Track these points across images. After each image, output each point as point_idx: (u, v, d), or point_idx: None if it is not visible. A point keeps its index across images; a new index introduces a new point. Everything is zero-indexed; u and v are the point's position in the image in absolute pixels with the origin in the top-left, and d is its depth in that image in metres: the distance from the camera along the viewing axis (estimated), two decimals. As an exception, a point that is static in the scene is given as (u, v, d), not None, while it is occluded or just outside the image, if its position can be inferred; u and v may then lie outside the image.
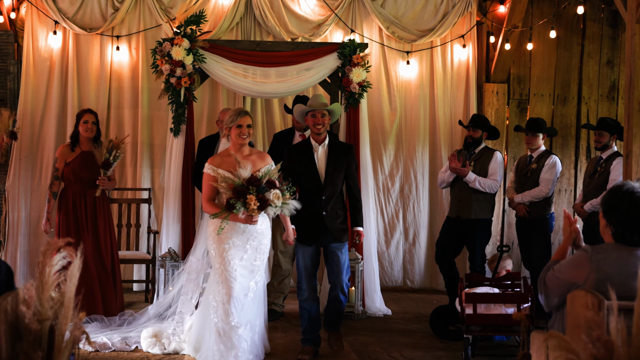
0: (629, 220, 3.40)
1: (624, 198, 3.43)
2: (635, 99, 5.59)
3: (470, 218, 6.81)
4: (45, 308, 2.96)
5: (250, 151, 5.42)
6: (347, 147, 5.85)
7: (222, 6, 8.22)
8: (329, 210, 5.60)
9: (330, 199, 5.62)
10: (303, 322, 5.68)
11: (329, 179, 5.62)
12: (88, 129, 6.72)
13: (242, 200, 4.95)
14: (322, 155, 5.68)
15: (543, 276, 3.62)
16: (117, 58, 8.21)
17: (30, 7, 8.02)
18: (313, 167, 5.63)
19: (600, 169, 6.73)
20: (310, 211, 5.55)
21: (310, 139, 5.75)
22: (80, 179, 6.66)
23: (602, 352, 2.54)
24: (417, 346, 6.06)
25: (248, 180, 5.02)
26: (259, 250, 5.27)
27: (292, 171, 5.61)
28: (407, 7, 8.50)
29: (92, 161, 6.71)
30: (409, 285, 8.58)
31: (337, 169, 5.66)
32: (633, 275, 3.37)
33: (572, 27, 8.70)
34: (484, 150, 6.98)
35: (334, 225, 5.60)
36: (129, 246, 7.71)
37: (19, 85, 8.02)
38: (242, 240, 5.19)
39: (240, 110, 5.45)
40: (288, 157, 5.71)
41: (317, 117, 5.67)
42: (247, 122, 5.31)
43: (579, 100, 8.74)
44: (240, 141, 5.29)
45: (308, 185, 5.63)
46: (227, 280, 5.11)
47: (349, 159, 5.74)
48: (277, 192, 5.04)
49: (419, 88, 8.58)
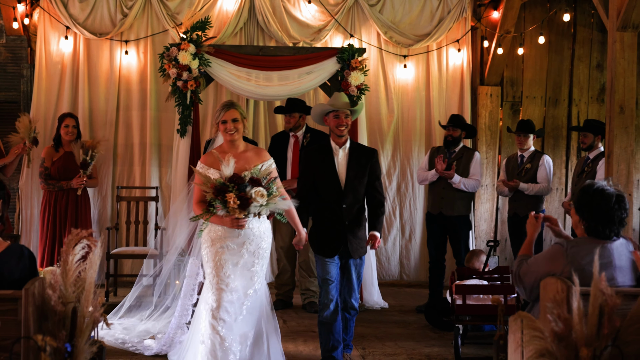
0: (601, 215, 3.71)
1: (595, 195, 3.74)
2: (616, 102, 5.90)
3: (454, 215, 7.16)
4: (69, 292, 3.30)
5: (246, 147, 4.94)
6: (370, 151, 5.44)
7: (227, 12, 8.55)
8: (351, 220, 5.24)
9: (352, 208, 5.25)
10: (323, 340, 5.30)
11: (349, 185, 5.24)
12: (69, 132, 7.33)
13: (221, 198, 4.54)
14: (343, 159, 5.29)
15: (517, 271, 3.91)
16: (125, 62, 8.56)
17: (42, 13, 8.37)
18: (333, 172, 5.25)
19: (587, 168, 7.06)
20: (330, 220, 5.24)
21: (331, 141, 5.35)
22: (65, 177, 7.26)
23: (562, 329, 2.88)
24: (411, 336, 6.39)
25: (230, 178, 4.60)
26: (257, 255, 4.81)
27: (310, 176, 5.30)
28: (404, 13, 8.83)
29: (74, 160, 7.32)
30: (405, 280, 8.92)
31: (359, 175, 5.27)
32: (604, 266, 3.69)
33: (563, 32, 9.04)
34: (463, 149, 7.32)
35: (355, 237, 5.26)
36: (137, 242, 8.05)
37: (32, 88, 8.37)
38: (238, 243, 4.74)
39: (224, 104, 4.95)
40: (305, 161, 5.40)
41: (340, 118, 5.25)
42: (233, 116, 4.81)
43: (569, 102, 9.08)
44: (228, 137, 4.85)
45: (327, 192, 5.26)
46: (218, 287, 4.69)
47: (372, 163, 5.35)
48: (260, 190, 4.57)
49: (416, 90, 8.92)
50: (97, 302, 3.36)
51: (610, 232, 3.71)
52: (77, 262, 3.38)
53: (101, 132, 8.45)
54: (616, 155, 5.88)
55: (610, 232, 3.71)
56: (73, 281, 3.33)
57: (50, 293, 3.26)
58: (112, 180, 8.54)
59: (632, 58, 5.90)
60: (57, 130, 7.32)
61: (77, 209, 7.28)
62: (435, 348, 5.99)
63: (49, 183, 7.22)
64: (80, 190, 7.28)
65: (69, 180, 7.26)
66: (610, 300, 2.81)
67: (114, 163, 8.56)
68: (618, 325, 2.81)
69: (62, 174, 7.26)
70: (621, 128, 5.89)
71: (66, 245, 3.38)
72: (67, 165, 7.27)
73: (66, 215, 7.24)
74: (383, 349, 5.96)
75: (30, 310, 3.21)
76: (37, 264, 4.13)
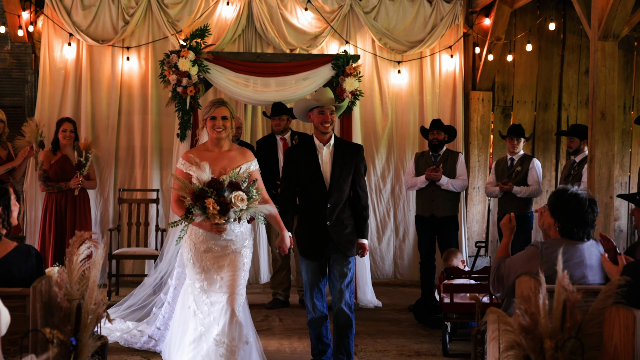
0: (576, 217, 3.95)
1: (571, 199, 3.98)
2: (597, 109, 6.14)
3: (444, 215, 7.41)
4: (74, 289, 3.53)
5: (231, 147, 4.84)
6: (355, 147, 5.21)
7: (225, 19, 8.81)
8: (334, 220, 5.04)
9: (336, 207, 5.04)
10: (311, 342, 5.27)
11: (334, 184, 5.03)
12: (66, 136, 7.57)
13: (200, 204, 4.42)
14: (328, 156, 5.07)
15: (496, 273, 4.13)
16: (127, 67, 8.82)
17: (46, 20, 8.62)
18: (317, 171, 5.04)
19: (573, 172, 7.30)
20: (313, 221, 5.06)
21: (314, 138, 5.14)
22: (63, 179, 7.48)
23: (529, 322, 3.12)
24: (402, 334, 6.63)
25: (208, 183, 4.48)
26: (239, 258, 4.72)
27: (294, 175, 5.12)
28: (398, 20, 9.08)
29: (71, 163, 7.54)
30: (399, 279, 9.17)
31: (344, 173, 5.06)
32: (577, 265, 3.94)
33: (553, 38, 9.29)
34: (447, 152, 7.57)
35: (340, 237, 5.05)
36: (138, 243, 8.29)
37: (36, 93, 8.65)
38: (220, 245, 4.69)
39: (215, 100, 4.85)
40: (288, 159, 5.21)
41: (325, 114, 5.03)
42: (222, 113, 4.73)
43: (559, 107, 9.34)
44: (215, 134, 4.74)
45: (311, 191, 5.07)
46: (200, 290, 4.68)
47: (358, 160, 5.13)
48: (239, 194, 4.47)
49: (409, 95, 9.18)
50: (100, 300, 3.60)
51: (583, 234, 3.96)
52: (81, 262, 3.61)
53: (103, 135, 8.71)
54: (598, 159, 6.12)
55: (583, 234, 3.95)
56: (77, 279, 3.56)
57: (57, 290, 3.49)
58: (114, 182, 8.80)
59: (612, 66, 6.13)
60: (55, 134, 7.57)
61: (76, 210, 7.51)
62: (425, 345, 6.23)
63: (47, 185, 7.45)
64: (77, 190, 7.48)
65: (67, 181, 7.50)
66: (572, 297, 3.05)
67: (116, 166, 8.82)
68: (579, 319, 3.05)
69: (60, 176, 7.49)
70: (602, 133, 6.12)
71: (71, 246, 3.62)
72: (64, 167, 7.50)
73: (66, 216, 7.47)
74: (374, 345, 6.20)
75: (38, 306, 3.44)
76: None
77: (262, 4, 8.81)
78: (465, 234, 8.95)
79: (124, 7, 8.68)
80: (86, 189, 7.67)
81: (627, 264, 3.59)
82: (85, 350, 3.45)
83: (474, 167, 9.14)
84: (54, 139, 7.59)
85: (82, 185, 7.52)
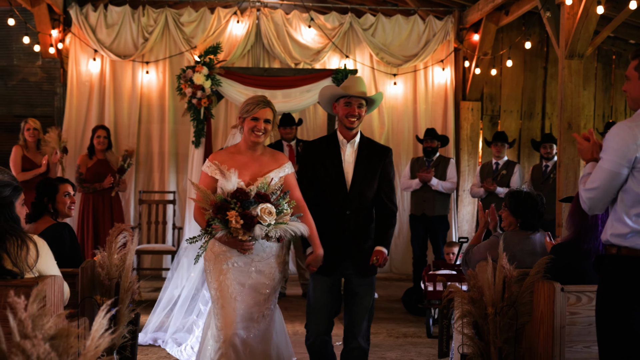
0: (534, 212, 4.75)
1: (527, 198, 4.79)
2: (565, 119, 6.93)
3: (435, 215, 8.19)
4: (112, 270, 4.36)
5: (264, 151, 4.29)
6: (383, 149, 4.48)
7: (236, 36, 9.66)
8: (353, 229, 4.32)
9: (357, 216, 4.33)
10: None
11: (356, 188, 4.31)
12: (100, 142, 8.23)
13: (221, 216, 3.88)
14: (351, 155, 4.35)
15: (465, 256, 4.95)
16: (146, 80, 9.69)
17: (73, 38, 9.50)
18: (338, 169, 4.33)
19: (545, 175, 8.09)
20: (328, 229, 4.29)
21: (337, 133, 4.40)
22: (97, 181, 8.15)
23: (476, 294, 3.92)
24: (393, 320, 7.41)
25: (233, 194, 3.94)
26: (268, 275, 4.18)
27: (310, 173, 4.40)
28: (394, 36, 9.90)
29: (107, 166, 8.21)
30: (395, 273, 9.97)
31: (368, 176, 4.35)
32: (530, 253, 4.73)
33: (537, 53, 10.09)
34: (440, 158, 8.35)
35: (360, 252, 4.34)
36: (157, 240, 9.11)
37: (65, 104, 9.54)
38: (245, 261, 4.12)
39: (259, 99, 4.19)
40: (306, 155, 4.48)
41: (352, 107, 4.30)
42: (266, 116, 4.13)
43: (543, 115, 10.15)
44: (253, 137, 4.16)
45: (329, 193, 4.34)
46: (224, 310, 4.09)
47: (385, 164, 4.41)
48: (267, 207, 3.89)
49: (404, 105, 10.02)
50: (134, 279, 4.43)
51: (538, 224, 4.76)
52: (119, 248, 4.44)
53: (125, 142, 9.55)
54: (565, 165, 6.91)
55: (538, 225, 4.76)
56: (116, 262, 4.39)
57: (100, 271, 4.33)
58: (135, 185, 9.66)
59: (578, 82, 6.92)
60: (91, 140, 8.27)
61: (112, 208, 8.19)
62: (412, 328, 7.02)
63: (83, 186, 8.20)
64: (114, 191, 8.15)
65: (101, 182, 8.20)
66: (509, 273, 3.85)
67: (136, 170, 9.68)
68: (515, 291, 3.86)
69: (95, 179, 8.15)
70: (569, 142, 6.91)
71: (110, 235, 4.45)
72: (99, 170, 8.17)
73: (103, 214, 8.17)
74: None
75: (85, 283, 4.27)
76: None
77: (269, 21, 9.66)
78: (456, 232, 9.73)
79: (144, 26, 9.54)
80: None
81: (553, 246, 4.36)
82: (122, 319, 4.27)
83: (464, 171, 9.92)
84: (90, 144, 8.29)
85: (119, 188, 8.15)
